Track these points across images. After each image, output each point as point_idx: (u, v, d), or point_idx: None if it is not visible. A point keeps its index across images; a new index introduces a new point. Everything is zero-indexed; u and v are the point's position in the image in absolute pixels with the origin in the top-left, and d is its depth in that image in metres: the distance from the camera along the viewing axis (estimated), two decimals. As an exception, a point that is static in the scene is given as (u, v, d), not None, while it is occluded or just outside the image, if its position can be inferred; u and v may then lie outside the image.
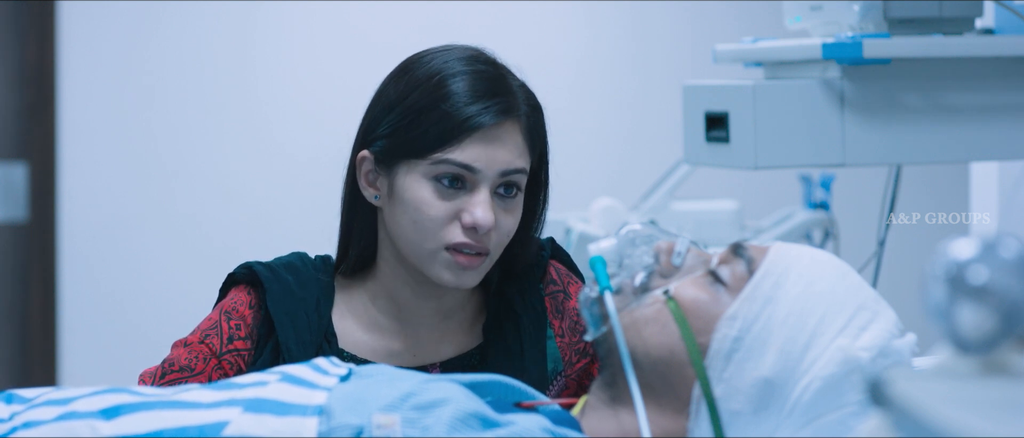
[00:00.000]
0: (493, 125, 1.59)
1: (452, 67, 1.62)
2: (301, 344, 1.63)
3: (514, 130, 1.62)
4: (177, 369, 1.62)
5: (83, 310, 4.10)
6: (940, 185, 4.01)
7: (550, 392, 1.69)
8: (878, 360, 1.38)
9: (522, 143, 1.63)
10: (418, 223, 1.59)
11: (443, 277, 1.61)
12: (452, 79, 1.61)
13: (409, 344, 1.68)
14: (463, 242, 1.59)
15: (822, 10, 2.15)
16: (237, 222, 4.17)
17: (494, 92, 1.61)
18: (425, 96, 1.60)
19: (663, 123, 4.32)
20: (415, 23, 4.16)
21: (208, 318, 1.67)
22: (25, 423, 1.32)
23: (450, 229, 1.59)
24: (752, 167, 2.07)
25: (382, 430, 1.28)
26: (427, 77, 1.62)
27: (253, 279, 1.68)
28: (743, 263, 1.44)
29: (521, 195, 1.64)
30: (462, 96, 1.60)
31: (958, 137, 2.11)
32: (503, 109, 1.61)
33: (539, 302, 1.70)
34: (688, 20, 4.42)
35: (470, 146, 1.58)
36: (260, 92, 4.18)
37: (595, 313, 1.46)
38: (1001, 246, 0.91)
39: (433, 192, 1.59)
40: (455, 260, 1.59)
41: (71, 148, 4.08)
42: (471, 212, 1.58)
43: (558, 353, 1.70)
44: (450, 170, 1.58)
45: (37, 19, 4.02)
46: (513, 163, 1.61)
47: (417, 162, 1.59)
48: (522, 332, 1.67)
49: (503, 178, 1.61)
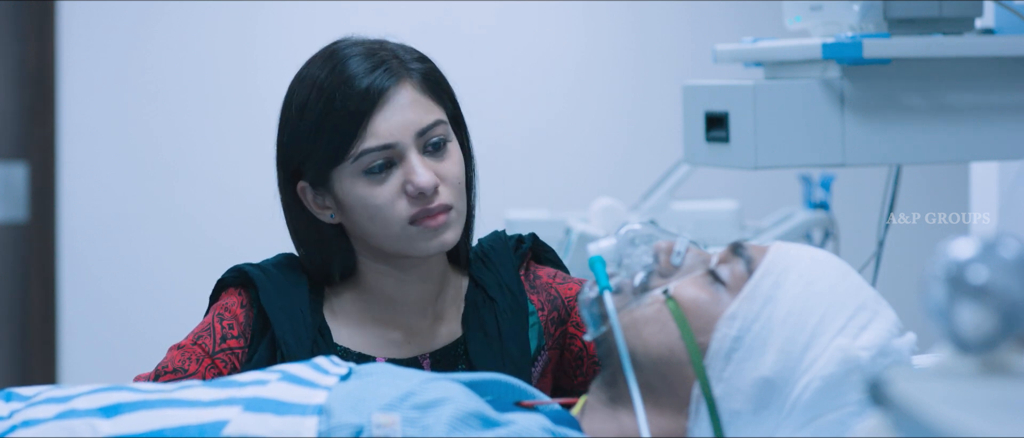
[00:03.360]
0: (386, 92, 1.60)
1: (323, 68, 1.64)
2: (298, 339, 1.64)
3: (409, 88, 1.62)
4: (170, 370, 1.63)
5: (83, 310, 4.10)
6: (940, 185, 4.01)
7: (535, 370, 1.71)
8: (878, 360, 1.38)
9: (422, 97, 1.63)
10: (373, 217, 1.61)
11: (422, 248, 1.62)
12: (330, 77, 1.62)
13: (402, 334, 1.69)
14: (418, 210, 1.60)
15: (822, 10, 2.15)
16: (237, 222, 4.17)
17: (374, 64, 1.62)
18: (314, 106, 1.61)
19: (663, 123, 4.32)
20: (415, 23, 4.16)
21: (201, 322, 1.69)
22: (25, 421, 1.32)
23: (400, 204, 1.61)
24: (752, 167, 2.07)
25: (382, 429, 1.28)
26: (308, 90, 1.63)
27: (243, 280, 1.69)
28: (743, 263, 1.44)
29: (453, 144, 1.65)
30: (347, 85, 1.61)
31: (958, 137, 2.11)
32: (388, 73, 1.61)
33: (515, 283, 1.71)
34: (688, 20, 4.42)
35: (374, 125, 1.59)
36: (260, 92, 4.18)
37: (595, 313, 1.47)
38: (1001, 246, 0.91)
39: (369, 183, 1.61)
40: (423, 226, 1.61)
41: (71, 148, 4.08)
42: (411, 181, 1.60)
43: (541, 328, 1.72)
44: (372, 159, 1.60)
45: (37, 19, 4.02)
46: (423, 120, 1.61)
47: (342, 166, 1.61)
48: (498, 315, 1.69)
49: (422, 138, 1.61)
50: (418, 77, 1.64)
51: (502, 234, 1.78)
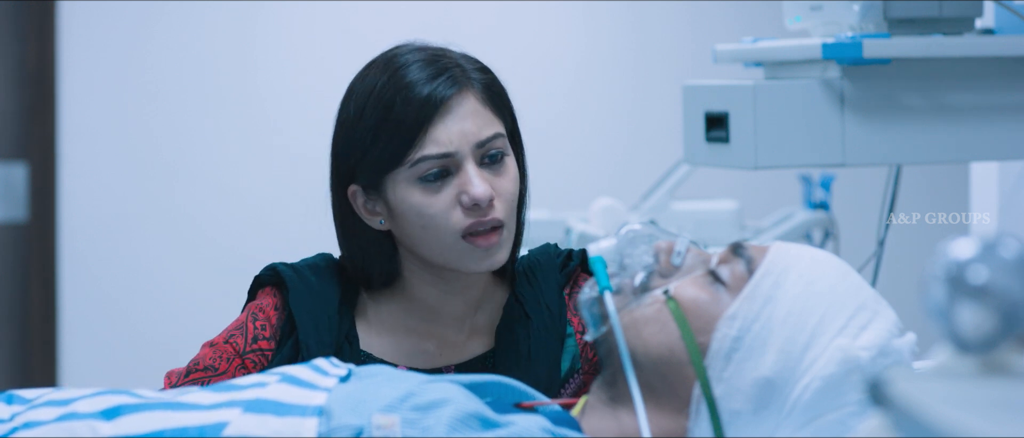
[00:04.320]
0: (448, 101, 1.58)
1: (383, 74, 1.62)
2: (321, 344, 1.62)
3: (471, 98, 1.60)
4: (202, 368, 1.63)
5: (83, 310, 4.10)
6: (940, 185, 4.01)
7: (566, 392, 1.67)
8: (878, 360, 1.38)
9: (484, 109, 1.61)
10: (425, 226, 1.59)
11: (471, 265, 1.60)
12: (392, 82, 1.60)
13: (435, 345, 1.67)
14: (473, 222, 1.58)
15: (822, 10, 2.15)
16: (237, 222, 4.17)
17: (436, 72, 1.60)
18: (373, 111, 1.59)
19: (663, 123, 4.32)
20: (415, 23, 4.16)
21: (236, 320, 1.68)
22: (26, 423, 1.32)
23: (455, 215, 1.58)
24: (752, 167, 2.07)
25: (382, 431, 1.28)
26: (367, 94, 1.61)
27: (278, 280, 1.68)
28: (743, 263, 1.44)
29: (510, 159, 1.63)
30: (408, 90, 1.58)
31: (958, 137, 2.11)
32: (452, 81, 1.59)
33: (555, 302, 1.68)
34: (688, 20, 4.42)
35: (435, 132, 1.57)
36: (260, 92, 4.19)
37: (595, 313, 1.47)
38: (1001, 246, 0.91)
39: (424, 191, 1.58)
40: (475, 244, 1.59)
41: (71, 148, 4.08)
42: (466, 192, 1.57)
43: (578, 350, 1.68)
44: (429, 165, 1.58)
45: (37, 19, 4.02)
46: (483, 131, 1.59)
47: (397, 171, 1.59)
48: (532, 334, 1.66)
49: (481, 150, 1.59)
50: (480, 88, 1.61)
51: (552, 248, 1.74)
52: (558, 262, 1.72)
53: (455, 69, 1.61)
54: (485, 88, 1.62)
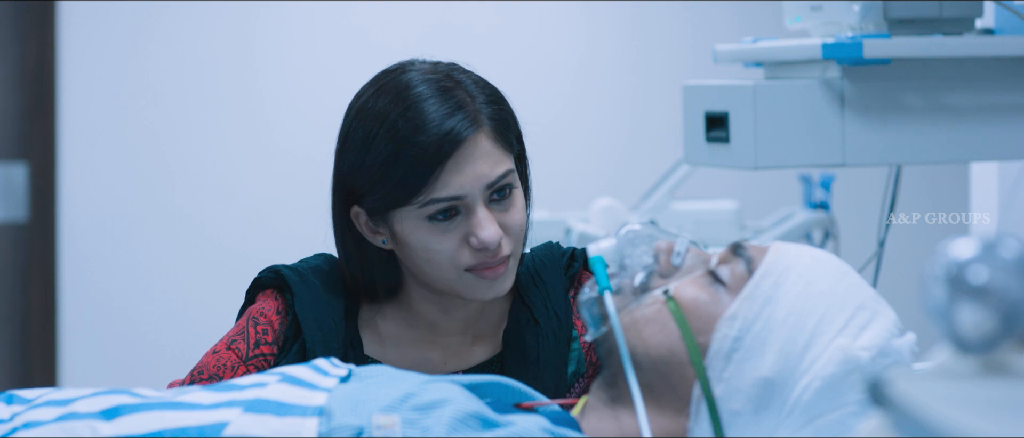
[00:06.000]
0: (461, 144, 1.55)
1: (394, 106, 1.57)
2: (327, 349, 1.61)
3: (483, 139, 1.57)
4: (206, 376, 1.61)
5: (83, 310, 4.10)
6: (940, 185, 4.01)
7: (570, 395, 1.66)
8: (878, 360, 1.38)
9: (495, 148, 1.57)
10: (431, 260, 1.58)
11: (477, 295, 1.59)
12: (406, 116, 1.56)
13: (440, 355, 1.67)
14: (478, 262, 1.57)
15: (822, 10, 2.15)
16: (237, 222, 4.17)
17: (450, 110, 1.56)
18: (384, 145, 1.56)
19: (663, 123, 4.32)
20: (415, 23, 4.17)
21: (236, 325, 1.66)
22: (26, 423, 1.32)
23: (462, 254, 1.57)
24: (752, 167, 2.07)
25: (382, 431, 1.28)
26: (376, 124, 1.57)
27: (280, 284, 1.66)
28: (743, 263, 1.44)
29: (517, 191, 1.61)
30: (420, 131, 1.55)
31: (958, 137, 2.10)
32: (464, 124, 1.55)
33: (562, 308, 1.67)
34: (688, 20, 4.42)
35: (447, 177, 1.54)
36: (260, 92, 4.18)
37: (595, 313, 1.47)
38: (1001, 246, 0.91)
39: (432, 231, 1.57)
40: (481, 276, 1.58)
41: (71, 148, 4.08)
42: (475, 235, 1.55)
43: (582, 353, 1.68)
44: (438, 207, 1.55)
45: (37, 19, 4.02)
46: (494, 171, 1.57)
47: (406, 208, 1.56)
48: (540, 340, 1.65)
49: (491, 189, 1.57)
50: (490, 126, 1.58)
51: (555, 248, 1.73)
52: (563, 263, 1.71)
53: (469, 104, 1.57)
54: (496, 124, 1.59)
